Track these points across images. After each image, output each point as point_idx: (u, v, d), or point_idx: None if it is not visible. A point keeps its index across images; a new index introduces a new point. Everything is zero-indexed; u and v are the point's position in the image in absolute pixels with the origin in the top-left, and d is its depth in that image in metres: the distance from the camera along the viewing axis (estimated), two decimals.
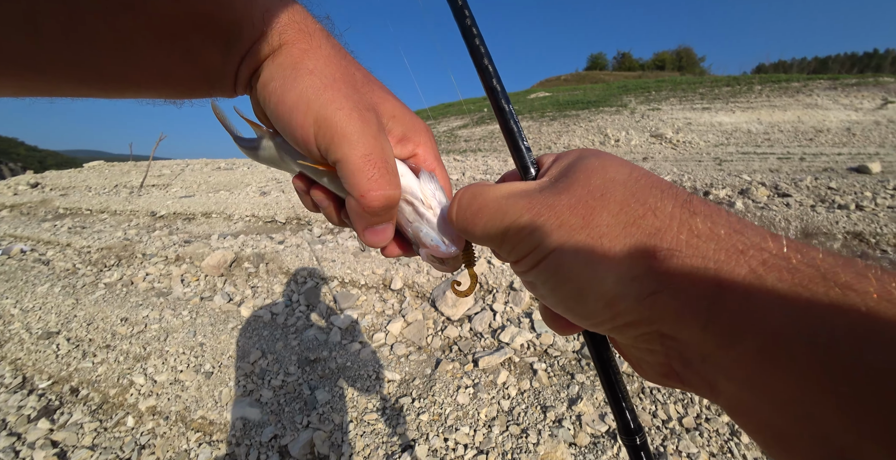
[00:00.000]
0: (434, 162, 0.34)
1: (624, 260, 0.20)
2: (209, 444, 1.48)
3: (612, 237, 0.21)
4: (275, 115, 0.29)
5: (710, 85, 13.17)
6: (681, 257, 0.19)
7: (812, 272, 0.17)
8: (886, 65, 69.95)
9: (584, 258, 0.21)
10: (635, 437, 0.28)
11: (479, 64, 0.30)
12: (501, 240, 0.25)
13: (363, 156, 0.27)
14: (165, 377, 1.81)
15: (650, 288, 0.20)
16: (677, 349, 0.20)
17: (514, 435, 1.34)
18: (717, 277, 0.18)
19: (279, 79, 0.28)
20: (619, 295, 0.20)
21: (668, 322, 0.20)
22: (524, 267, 0.24)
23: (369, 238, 0.31)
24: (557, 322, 0.28)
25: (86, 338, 2.16)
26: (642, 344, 0.22)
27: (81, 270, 3.04)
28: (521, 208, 0.24)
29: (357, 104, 0.28)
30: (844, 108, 9.47)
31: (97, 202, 5.50)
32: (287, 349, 1.92)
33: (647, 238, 0.20)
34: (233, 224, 4.03)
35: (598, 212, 0.22)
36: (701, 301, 0.18)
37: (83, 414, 1.66)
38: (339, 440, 1.42)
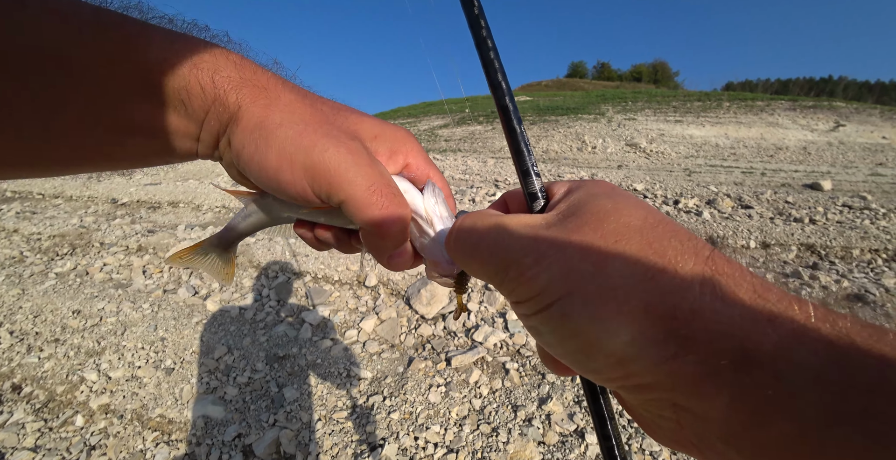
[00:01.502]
0: (426, 166, 0.34)
1: (640, 317, 0.18)
2: (167, 444, 1.41)
3: (627, 290, 0.19)
4: (261, 180, 0.28)
5: (682, 99, 13.75)
6: (704, 321, 0.17)
7: (847, 344, 0.15)
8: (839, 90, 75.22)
9: (595, 311, 0.19)
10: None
11: (492, 81, 0.27)
12: (501, 280, 0.23)
13: (367, 188, 0.27)
14: (121, 373, 1.71)
15: (669, 351, 0.17)
16: (693, 423, 0.18)
17: (485, 434, 1.35)
18: (744, 347, 0.16)
19: (251, 143, 0.27)
20: (632, 355, 0.18)
21: (685, 392, 0.17)
22: (526, 310, 0.22)
23: (394, 263, 0.31)
24: (557, 365, 0.26)
25: (32, 331, 2.01)
26: (654, 409, 0.20)
27: (30, 258, 2.83)
28: (526, 246, 0.22)
29: (339, 139, 0.27)
30: (802, 128, 10.11)
31: (50, 186, 5.15)
32: (255, 345, 1.85)
33: (667, 296, 0.18)
34: (201, 214, 3.86)
35: (611, 260, 0.20)
36: (725, 372, 0.16)
37: (25, 413, 1.55)
38: (306, 439, 1.38)
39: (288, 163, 0.26)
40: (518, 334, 1.78)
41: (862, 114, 10.97)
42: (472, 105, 14.60)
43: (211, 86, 0.26)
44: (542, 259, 0.21)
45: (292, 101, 0.28)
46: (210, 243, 0.39)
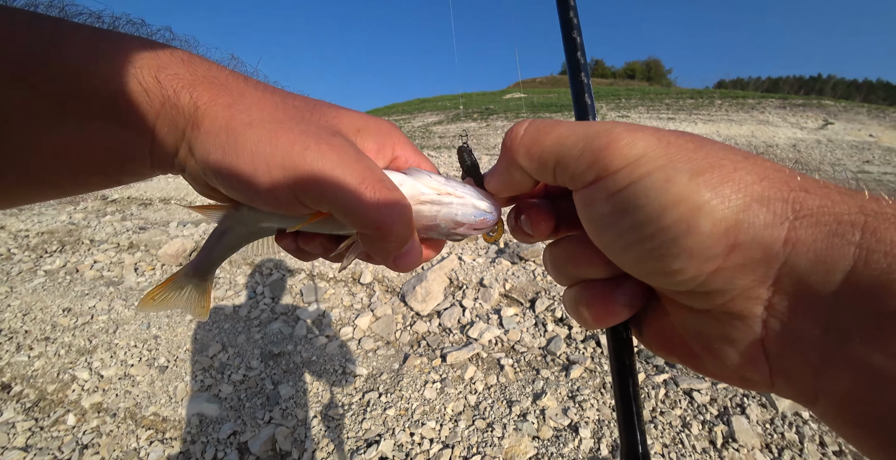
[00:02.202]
0: (416, 157, 0.31)
1: (753, 182, 0.17)
2: (161, 442, 1.41)
3: (734, 161, 0.17)
4: (235, 189, 0.24)
5: (675, 96, 13.84)
6: (820, 188, 0.16)
7: None
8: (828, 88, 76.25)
9: (703, 177, 0.17)
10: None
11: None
12: (582, 150, 0.20)
13: (357, 186, 0.24)
14: (114, 371, 1.70)
15: (786, 213, 0.16)
16: (789, 314, 0.16)
17: (480, 430, 1.36)
18: (865, 207, 0.15)
19: (217, 149, 0.23)
20: (744, 221, 0.16)
21: (800, 262, 0.16)
22: (615, 185, 0.19)
23: (402, 264, 0.27)
24: (597, 305, 0.23)
25: (21, 329, 1.98)
26: (739, 303, 0.17)
27: (17, 256, 2.78)
28: (610, 124, 0.20)
29: (319, 136, 0.24)
30: (792, 126, 10.24)
31: None
32: (249, 342, 1.84)
33: (775, 171, 0.17)
34: (194, 211, 3.82)
35: (709, 144, 0.19)
36: (850, 231, 0.15)
37: (15, 413, 1.53)
38: (302, 436, 1.38)
39: (264, 166, 0.23)
40: (513, 330, 1.79)
41: (850, 112, 11.14)
42: (466, 102, 14.56)
43: (156, 86, 0.22)
44: (637, 130, 0.19)
45: (259, 99, 0.25)
46: (185, 275, 0.35)
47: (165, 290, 0.35)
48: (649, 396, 1.45)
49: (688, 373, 1.54)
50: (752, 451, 1.23)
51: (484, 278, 2.10)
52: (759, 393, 1.42)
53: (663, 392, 1.46)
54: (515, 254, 2.30)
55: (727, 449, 1.25)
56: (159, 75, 0.23)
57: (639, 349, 1.69)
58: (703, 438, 1.30)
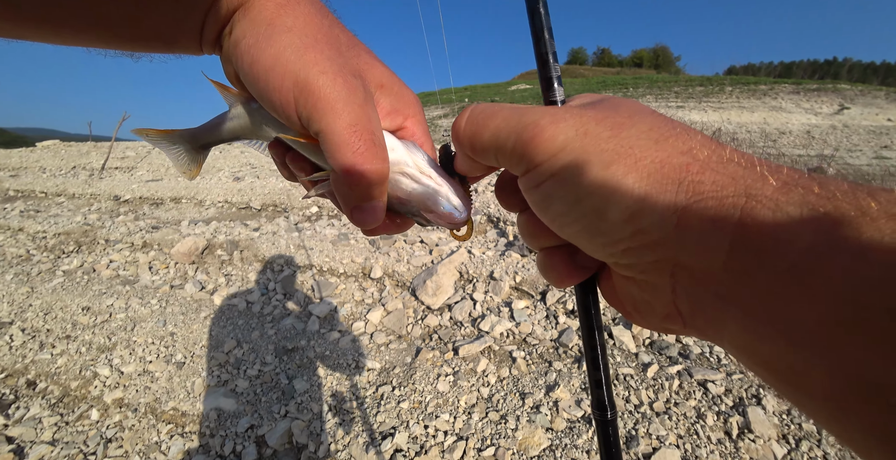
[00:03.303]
0: (423, 137, 0.31)
1: (654, 172, 0.19)
2: (181, 436, 1.44)
3: (642, 149, 0.20)
4: (249, 76, 0.26)
5: (684, 84, 13.57)
6: (712, 173, 0.18)
7: (839, 197, 0.16)
8: (844, 72, 74.03)
9: (611, 168, 0.20)
10: (608, 413, 0.28)
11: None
12: (514, 144, 0.22)
13: (348, 125, 0.24)
14: (133, 368, 1.74)
15: (680, 202, 0.18)
16: (689, 282, 0.19)
17: (494, 422, 1.37)
18: (749, 189, 0.17)
19: (252, 36, 0.25)
20: (644, 208, 0.19)
21: (690, 242, 0.18)
22: (539, 176, 0.22)
23: (357, 217, 0.28)
24: (558, 268, 0.26)
25: (43, 328, 2.04)
26: (651, 273, 0.21)
27: (36, 257, 2.85)
28: (542, 112, 0.22)
29: (342, 68, 0.25)
30: (805, 111, 9.99)
31: (53, 184, 5.15)
32: (263, 338, 1.87)
33: (679, 154, 0.19)
34: (204, 210, 3.87)
35: (627, 127, 0.20)
36: (730, 217, 0.17)
37: (41, 409, 1.58)
38: (318, 429, 1.41)
39: (282, 67, 0.24)
40: (524, 323, 1.79)
41: (867, 96, 10.82)
42: (471, 94, 14.42)
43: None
44: (560, 121, 0.21)
45: (310, 13, 0.26)
46: (181, 136, 0.36)
47: (160, 136, 0.36)
48: (663, 387, 1.44)
49: (702, 364, 1.53)
50: (769, 442, 1.22)
51: (494, 271, 2.09)
52: None
53: (677, 383, 1.45)
54: (525, 247, 2.29)
55: (743, 440, 1.24)
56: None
57: (651, 340, 1.68)
58: (718, 429, 1.29)
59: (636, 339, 1.67)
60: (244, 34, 0.25)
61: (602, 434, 0.29)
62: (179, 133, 0.35)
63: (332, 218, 3.26)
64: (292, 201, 3.71)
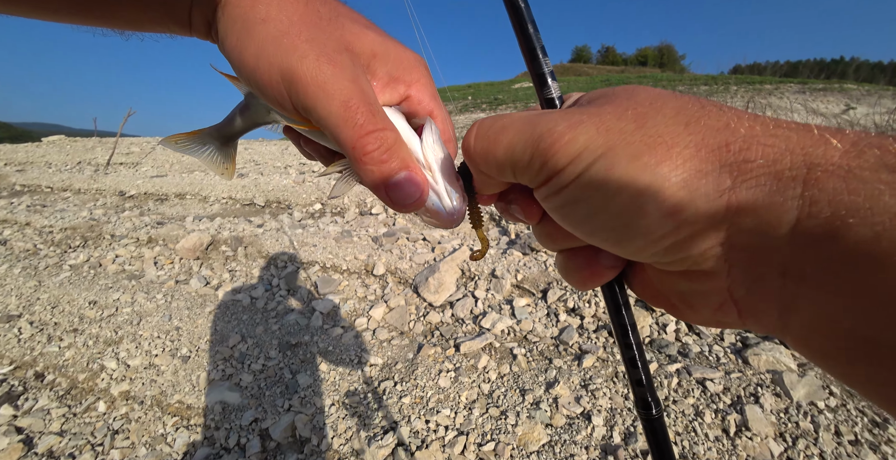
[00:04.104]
0: (430, 101, 0.29)
1: (691, 156, 0.17)
2: (187, 428, 1.47)
3: (672, 136, 0.18)
4: (241, 75, 0.25)
5: (689, 83, 13.49)
6: (760, 146, 0.16)
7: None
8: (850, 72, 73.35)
9: (641, 160, 0.18)
10: (653, 411, 0.27)
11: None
12: (532, 153, 0.20)
13: (342, 104, 0.23)
14: (139, 361, 1.76)
15: (724, 183, 0.17)
16: (747, 264, 0.17)
17: (494, 417, 1.38)
18: (808, 158, 0.15)
19: (233, 34, 0.24)
20: (685, 198, 0.17)
21: (746, 223, 0.16)
22: (563, 180, 0.20)
23: (395, 196, 0.25)
24: (583, 271, 0.24)
25: (51, 321, 2.07)
26: (701, 263, 0.18)
27: (43, 251, 2.88)
28: (556, 118, 0.20)
29: (324, 47, 0.24)
30: (811, 111, 9.92)
31: (59, 179, 5.19)
32: (267, 333, 1.90)
33: (717, 133, 0.17)
34: (209, 206, 3.89)
35: (651, 116, 0.19)
36: (792, 185, 0.15)
37: (50, 400, 1.61)
38: (320, 423, 1.43)
39: (266, 62, 0.24)
40: (525, 320, 1.80)
41: (873, 96, 10.73)
42: (474, 92, 14.39)
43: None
44: (578, 124, 0.19)
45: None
46: (208, 134, 0.36)
47: (188, 140, 0.36)
48: (662, 385, 1.46)
49: (700, 363, 1.54)
50: (766, 440, 1.24)
51: (496, 269, 2.11)
52: (772, 383, 1.42)
53: (676, 381, 1.46)
54: (527, 245, 2.31)
55: (740, 438, 1.25)
56: None
57: (651, 338, 1.69)
58: (715, 427, 1.30)
59: None
60: (226, 33, 0.25)
61: (650, 432, 0.27)
62: (206, 131, 0.36)
63: (336, 215, 3.28)
64: (296, 198, 3.73)
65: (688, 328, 1.71)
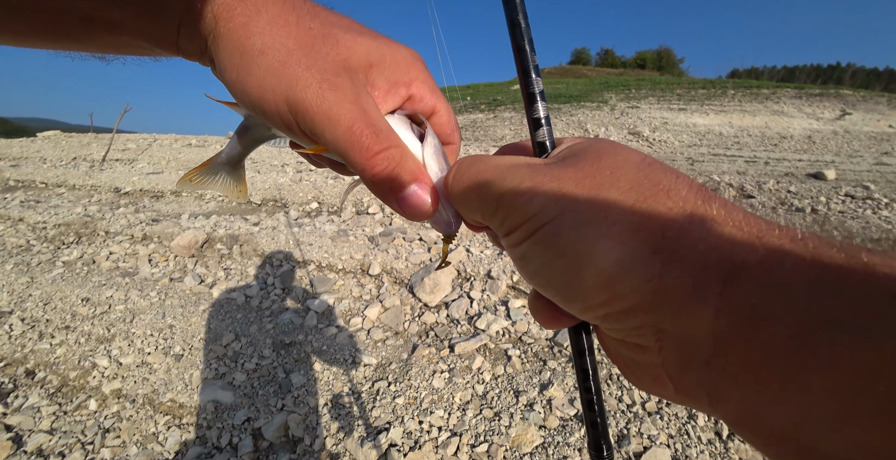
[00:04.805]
0: (431, 97, 0.30)
1: (629, 236, 0.18)
2: (178, 427, 1.46)
3: (618, 212, 0.19)
4: (246, 106, 0.26)
5: (687, 86, 13.56)
6: (691, 239, 0.17)
7: (834, 257, 0.15)
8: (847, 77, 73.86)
9: (585, 231, 0.19)
10: (604, 453, 0.28)
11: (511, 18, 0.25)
12: (496, 207, 0.23)
13: (347, 129, 0.24)
14: (132, 359, 1.75)
15: (655, 269, 0.18)
16: (676, 349, 0.18)
17: (487, 418, 1.38)
18: (732, 260, 0.16)
19: (232, 68, 0.25)
20: (618, 274, 0.18)
21: (670, 311, 0.17)
22: (518, 237, 0.22)
23: (406, 208, 0.26)
24: (544, 312, 0.26)
25: (42, 318, 2.05)
26: (635, 337, 0.20)
27: (36, 247, 2.86)
28: (523, 175, 0.22)
29: (324, 73, 0.25)
30: (807, 116, 9.99)
31: (53, 175, 5.15)
32: (261, 332, 1.89)
33: (657, 218, 0.18)
34: (204, 204, 3.87)
35: (606, 188, 0.20)
36: (714, 283, 0.16)
37: (40, 398, 1.59)
38: (313, 423, 1.42)
39: (270, 94, 0.24)
40: (520, 322, 1.80)
41: (869, 102, 10.82)
42: (473, 93, 14.40)
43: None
44: (538, 187, 0.21)
45: (275, 18, 0.25)
46: (219, 162, 0.38)
47: (201, 174, 0.38)
48: None
49: None
50: None
51: (491, 270, 2.11)
52: None
53: None
54: None
55: (732, 441, 1.26)
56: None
57: None
58: (708, 429, 1.31)
59: None
60: (224, 67, 0.25)
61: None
62: (215, 160, 0.37)
63: (332, 214, 3.27)
64: (293, 196, 3.72)
65: None
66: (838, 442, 0.13)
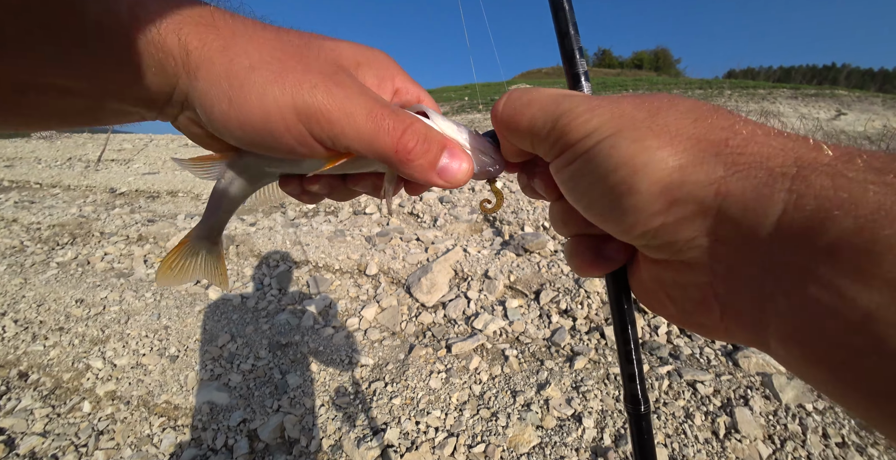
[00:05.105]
0: (414, 88, 0.31)
1: (691, 147, 0.18)
2: (174, 429, 1.44)
3: (678, 127, 0.19)
4: (247, 137, 0.24)
5: (684, 86, 13.61)
6: (756, 143, 0.17)
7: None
8: (842, 78, 74.39)
9: (644, 143, 0.19)
10: (641, 407, 0.27)
11: None
12: (551, 128, 0.22)
13: (367, 117, 0.24)
14: (126, 361, 1.74)
15: (718, 172, 0.17)
16: (732, 255, 0.18)
17: (485, 419, 1.38)
18: (801, 157, 0.16)
19: (222, 98, 0.23)
20: (679, 179, 0.18)
21: (733, 211, 0.17)
22: (571, 155, 0.22)
23: (448, 177, 0.26)
24: (584, 256, 0.26)
25: (36, 319, 2.03)
26: (686, 252, 0.19)
27: (30, 248, 2.83)
28: (580, 100, 0.22)
29: (322, 72, 0.24)
30: (803, 117, 10.04)
31: (48, 175, 5.12)
32: (258, 333, 1.88)
33: (719, 130, 0.18)
34: (200, 204, 3.85)
35: (664, 109, 0.20)
36: (781, 180, 0.16)
37: (33, 400, 1.57)
38: (310, 424, 1.41)
39: (276, 110, 0.23)
40: (517, 322, 1.80)
41: (864, 102, 10.89)
42: (471, 93, 14.41)
43: (133, 22, 0.20)
44: (596, 108, 0.21)
45: (252, 37, 0.24)
46: (196, 237, 0.33)
47: (180, 256, 0.34)
48: (653, 387, 1.46)
49: (691, 365, 1.54)
50: (755, 442, 1.24)
51: (489, 270, 2.10)
52: (762, 386, 1.42)
53: (667, 383, 1.46)
54: (520, 246, 2.30)
55: (729, 440, 1.26)
56: (138, 11, 0.21)
57: (643, 341, 1.69)
58: (705, 429, 1.31)
59: None
60: (211, 101, 0.23)
61: (636, 428, 0.28)
62: (193, 234, 0.33)
63: (329, 214, 3.26)
64: (289, 197, 3.70)
65: (679, 330, 1.71)
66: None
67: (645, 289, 0.24)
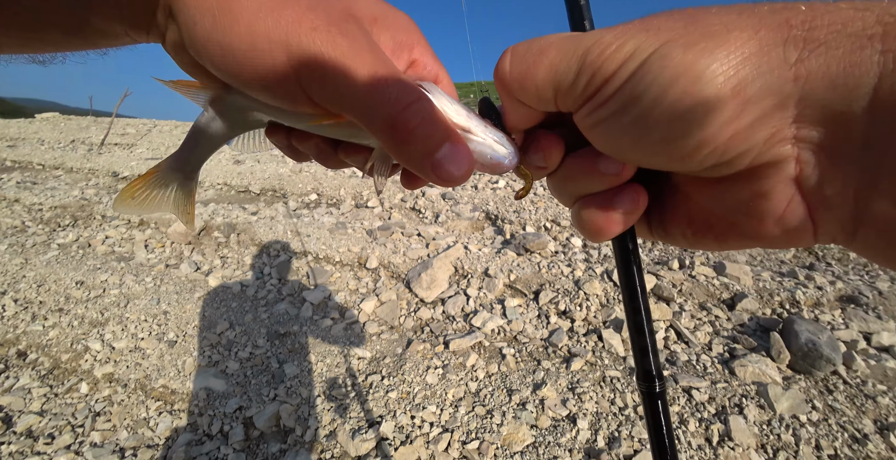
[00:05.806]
0: (434, 64, 0.27)
1: (750, 38, 0.16)
2: (170, 413, 1.45)
3: (727, 23, 0.16)
4: (224, 68, 0.20)
5: None
6: (825, 19, 0.15)
7: None
8: None
9: (697, 47, 0.16)
10: (655, 384, 0.25)
11: None
12: (578, 70, 0.19)
13: (370, 79, 0.20)
14: (125, 344, 1.74)
15: (791, 56, 0.15)
16: (821, 142, 0.16)
17: (480, 416, 1.39)
18: (883, 19, 0.14)
19: (207, 16, 0.19)
20: (749, 75, 0.16)
21: (818, 93, 0.15)
22: (610, 90, 0.19)
23: (445, 172, 0.21)
24: (595, 218, 0.23)
25: (36, 300, 2.03)
26: (766, 153, 0.17)
27: (31, 229, 2.83)
28: (600, 32, 0.19)
29: (329, 16, 0.20)
30: None
31: (51, 157, 5.11)
32: (256, 321, 1.88)
33: (773, 14, 0.16)
34: (203, 191, 3.85)
35: (701, 14, 0.17)
36: (867, 45, 0.14)
37: (31, 379, 1.58)
38: (305, 414, 1.42)
39: (265, 43, 0.19)
40: (515, 321, 1.80)
41: None
42: (475, 91, 14.34)
43: None
44: (624, 32, 0.18)
45: None
46: (169, 168, 0.30)
47: (147, 185, 0.30)
48: None
49: (688, 371, 1.55)
50: (748, 451, 1.25)
51: (489, 268, 2.11)
52: (757, 395, 1.43)
53: None
54: (521, 246, 2.30)
55: (722, 448, 1.26)
56: None
57: None
58: (699, 435, 1.31)
59: (626, 343, 1.69)
60: (194, 18, 0.20)
61: (650, 408, 0.25)
62: (166, 164, 0.30)
63: (331, 206, 3.26)
64: (292, 187, 3.70)
65: (676, 336, 1.72)
66: None
67: (701, 225, 0.21)
